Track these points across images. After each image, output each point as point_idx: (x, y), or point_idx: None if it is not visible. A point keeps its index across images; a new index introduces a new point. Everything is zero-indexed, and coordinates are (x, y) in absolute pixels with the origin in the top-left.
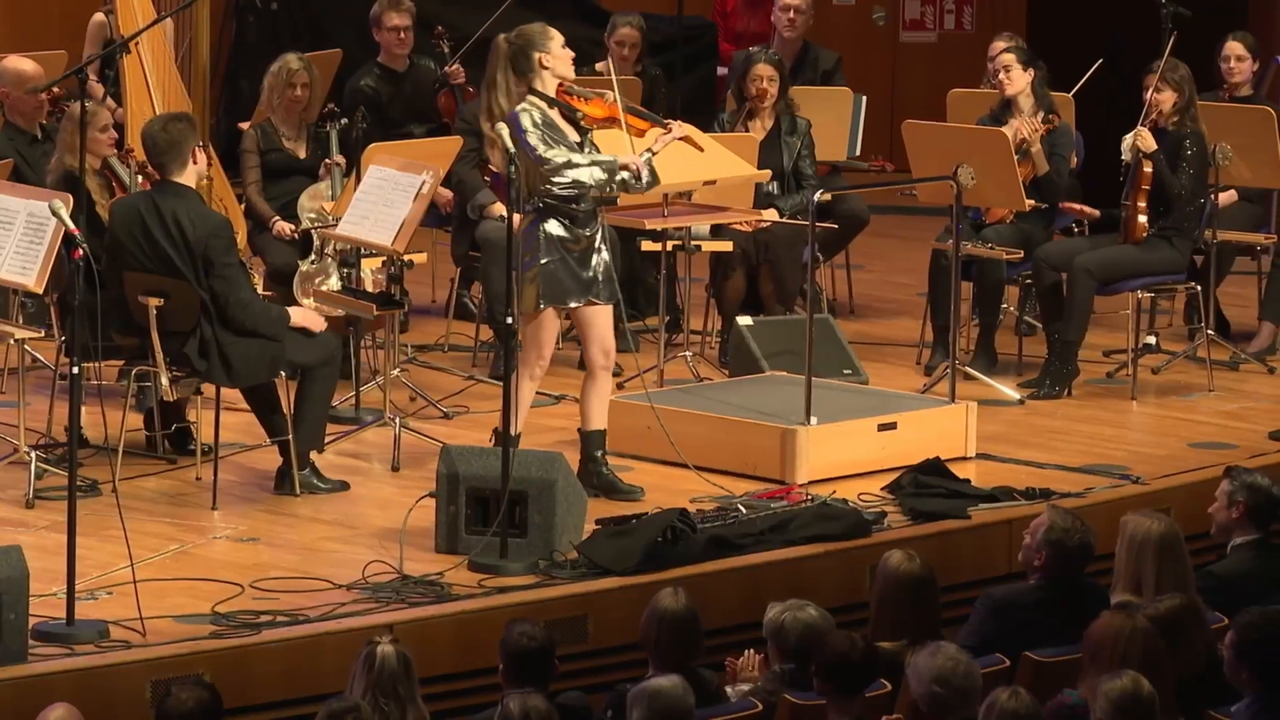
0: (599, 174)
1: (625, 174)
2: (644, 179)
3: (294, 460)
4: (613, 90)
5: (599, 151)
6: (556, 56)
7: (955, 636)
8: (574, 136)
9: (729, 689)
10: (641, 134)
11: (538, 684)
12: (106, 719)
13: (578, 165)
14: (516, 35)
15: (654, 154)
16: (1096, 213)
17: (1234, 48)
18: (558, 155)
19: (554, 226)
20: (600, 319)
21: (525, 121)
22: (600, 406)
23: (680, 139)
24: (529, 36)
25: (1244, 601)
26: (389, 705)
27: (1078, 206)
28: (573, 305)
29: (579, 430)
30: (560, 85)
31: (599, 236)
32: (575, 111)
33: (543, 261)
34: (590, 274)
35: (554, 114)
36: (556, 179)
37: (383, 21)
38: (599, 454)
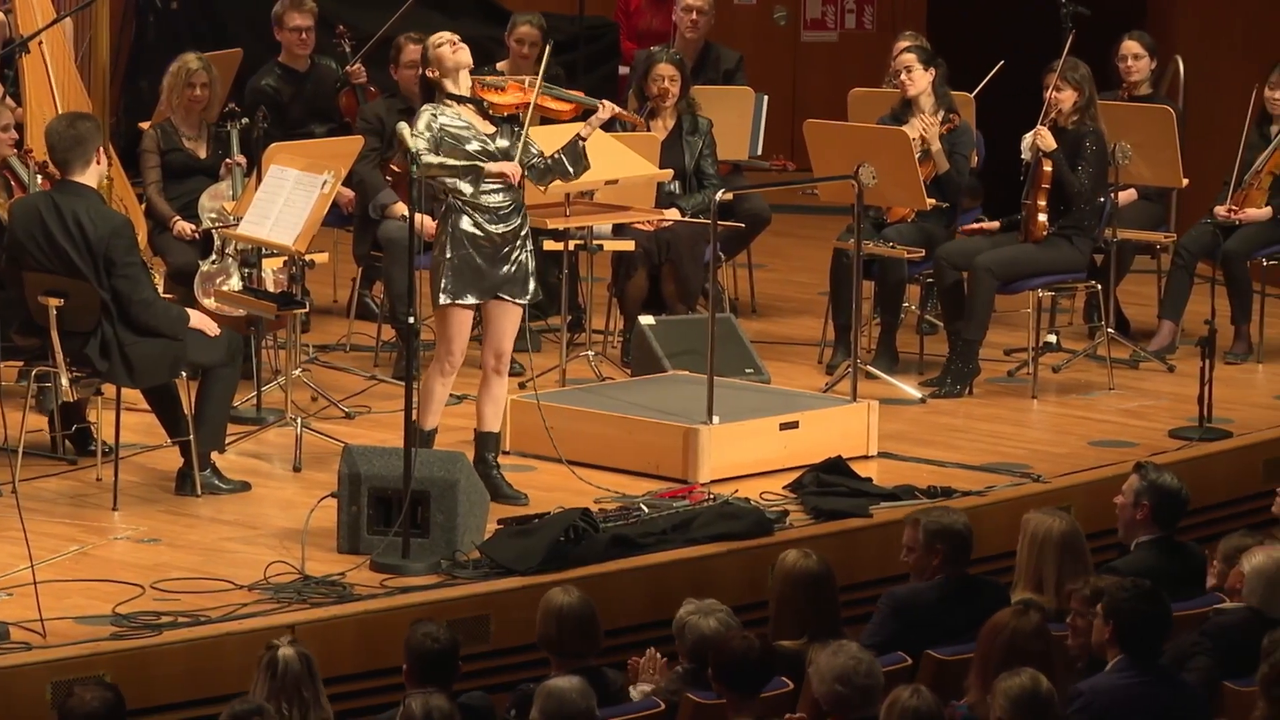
0: (453, 172)
1: (494, 179)
2: (516, 182)
3: (195, 461)
4: (533, 76)
5: (526, 140)
6: (434, 60)
7: (859, 635)
8: (485, 129)
9: (632, 689)
10: (569, 117)
11: (442, 684)
12: None
13: (432, 163)
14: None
15: (583, 138)
16: (996, 225)
17: (1130, 47)
18: (421, 150)
19: (465, 222)
20: (501, 320)
21: (418, 123)
22: (491, 409)
23: (618, 115)
24: (422, 56)
25: None
26: (292, 707)
27: (976, 227)
28: (472, 301)
29: (476, 433)
30: (475, 79)
31: (520, 235)
32: (481, 102)
33: (448, 256)
34: (503, 272)
35: (466, 110)
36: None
37: (284, 21)
38: (489, 456)
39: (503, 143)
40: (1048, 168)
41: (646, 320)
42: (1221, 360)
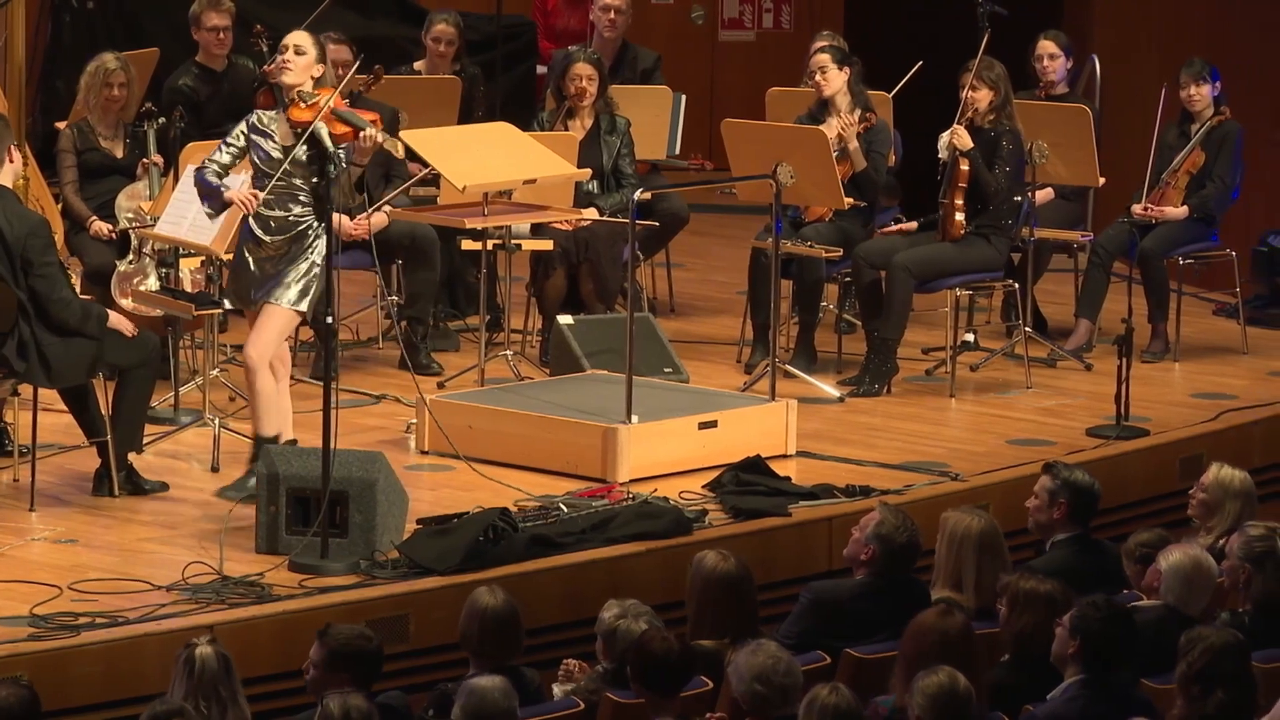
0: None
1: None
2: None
3: (112, 461)
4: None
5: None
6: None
7: (776, 631)
8: (286, 140)
9: (556, 686)
10: (350, 138)
11: (360, 685)
12: None
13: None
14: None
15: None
16: (914, 225)
17: (1046, 46)
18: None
19: (250, 225)
20: (262, 320)
21: (233, 128)
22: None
23: (380, 144)
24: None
25: None
26: (210, 707)
27: (895, 228)
28: (232, 304)
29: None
30: (295, 91)
31: (307, 251)
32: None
33: (229, 255)
34: (275, 279)
35: (281, 119)
36: None
37: (202, 21)
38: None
39: (299, 156)
40: (965, 167)
41: (565, 320)
42: (1139, 359)
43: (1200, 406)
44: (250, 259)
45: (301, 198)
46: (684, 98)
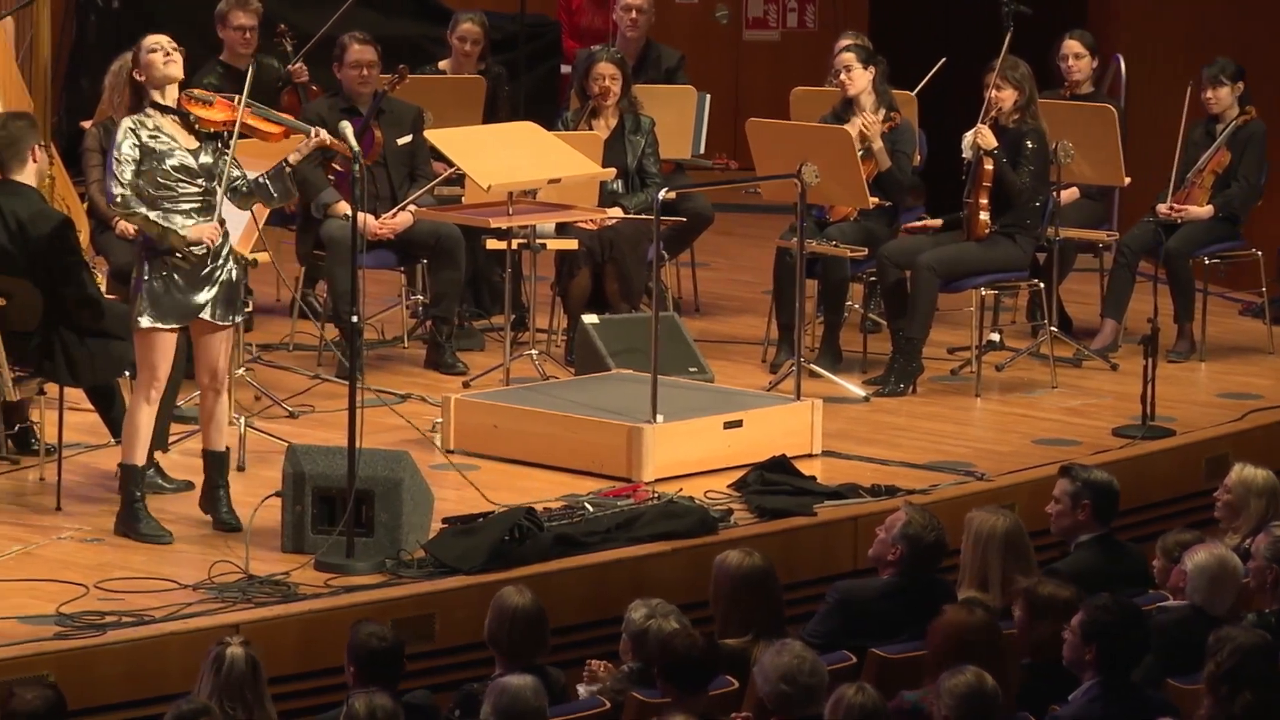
0: (152, 228)
1: (179, 240)
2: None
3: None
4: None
5: (233, 155)
6: (144, 64)
7: (801, 630)
8: (189, 143)
9: (581, 687)
10: (278, 139)
11: (386, 684)
12: None
13: (135, 212)
14: (130, 56)
15: (290, 165)
16: (939, 222)
17: (1072, 46)
18: (127, 198)
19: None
20: (211, 341)
21: (118, 137)
22: (215, 430)
23: (324, 144)
24: (134, 56)
25: None
26: (235, 708)
27: (919, 224)
28: (174, 326)
29: (203, 451)
30: (184, 92)
31: (222, 255)
32: (188, 115)
33: (147, 279)
34: (205, 295)
35: (168, 122)
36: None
37: (229, 20)
38: (218, 478)
39: (206, 159)
40: (989, 166)
41: (590, 319)
42: (1164, 359)
43: (1226, 406)
44: (178, 276)
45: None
46: (708, 97)
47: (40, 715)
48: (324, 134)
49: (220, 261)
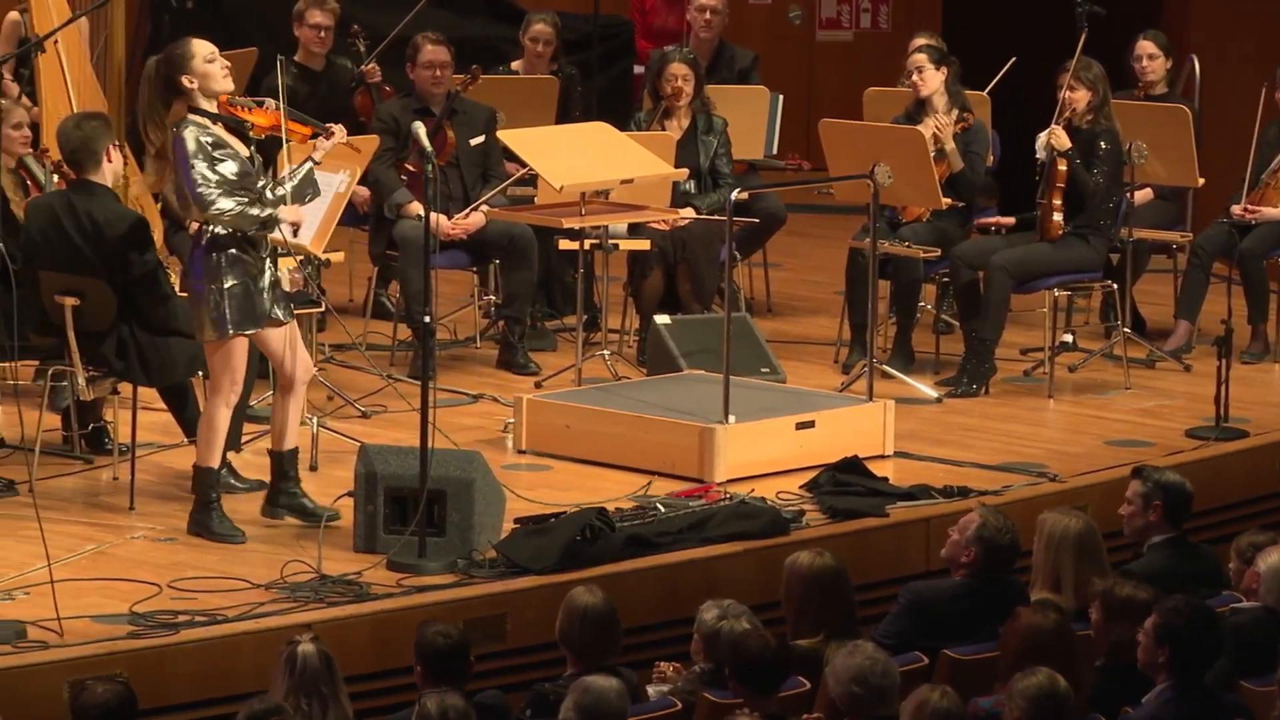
0: (246, 220)
1: (277, 223)
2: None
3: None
4: (277, 99)
5: (271, 160)
6: (199, 73)
7: (874, 631)
8: (243, 150)
9: (650, 688)
10: (305, 140)
11: (454, 683)
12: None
13: (227, 212)
14: (161, 61)
15: (316, 162)
16: (1011, 220)
17: (1145, 46)
18: (222, 201)
19: (234, 249)
20: (289, 340)
21: (190, 144)
22: (293, 427)
23: (341, 144)
24: (171, 60)
25: None
26: (311, 704)
27: (992, 221)
28: (251, 330)
29: (269, 451)
30: (224, 98)
31: (267, 254)
32: (243, 123)
33: (228, 286)
34: (267, 295)
35: (218, 129)
36: (212, 221)
37: (305, 18)
38: (291, 474)
39: (256, 164)
40: (1062, 167)
41: (662, 319)
42: (1238, 360)
43: None
44: (250, 281)
45: None
46: (781, 98)
47: (111, 709)
48: (342, 132)
49: (267, 264)
